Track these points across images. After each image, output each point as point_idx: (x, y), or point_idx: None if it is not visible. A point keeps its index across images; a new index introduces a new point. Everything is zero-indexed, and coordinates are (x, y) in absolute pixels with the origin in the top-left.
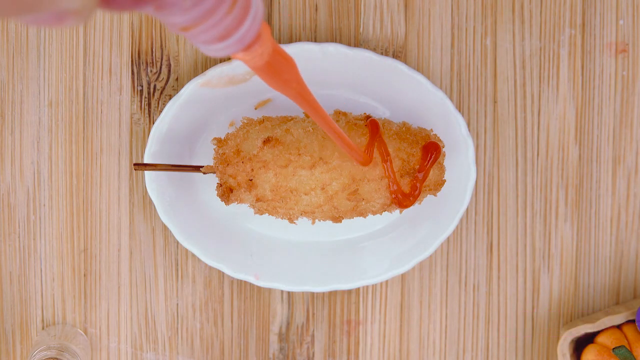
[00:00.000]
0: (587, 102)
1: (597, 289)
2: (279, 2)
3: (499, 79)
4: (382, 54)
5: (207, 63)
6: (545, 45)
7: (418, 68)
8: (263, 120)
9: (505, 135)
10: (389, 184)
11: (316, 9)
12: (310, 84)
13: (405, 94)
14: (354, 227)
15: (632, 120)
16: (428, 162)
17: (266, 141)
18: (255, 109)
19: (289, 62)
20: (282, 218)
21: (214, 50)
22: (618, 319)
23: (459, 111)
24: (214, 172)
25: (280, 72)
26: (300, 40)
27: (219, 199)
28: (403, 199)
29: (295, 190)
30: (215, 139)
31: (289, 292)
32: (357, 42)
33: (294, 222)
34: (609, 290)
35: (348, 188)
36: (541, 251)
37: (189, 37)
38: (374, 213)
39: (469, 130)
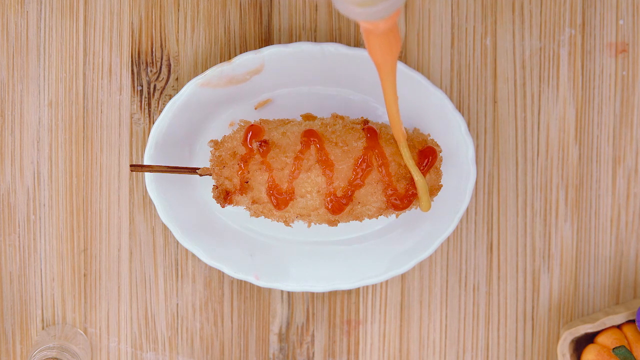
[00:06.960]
0: (587, 102)
1: (597, 289)
2: (279, 2)
3: (499, 79)
4: None
5: (207, 63)
6: (545, 45)
7: (418, 68)
8: (260, 123)
9: (505, 135)
10: (385, 188)
11: (316, 9)
12: (310, 84)
13: (405, 94)
14: (354, 227)
15: (632, 120)
16: (424, 166)
17: (263, 144)
18: (255, 109)
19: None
20: (277, 221)
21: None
22: (618, 319)
23: (459, 111)
24: (210, 174)
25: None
26: (300, 40)
27: None
28: (399, 203)
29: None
30: (211, 141)
31: (289, 292)
32: (357, 42)
33: (290, 225)
34: (609, 290)
35: (344, 191)
36: (541, 251)
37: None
38: (370, 217)
39: (469, 130)
